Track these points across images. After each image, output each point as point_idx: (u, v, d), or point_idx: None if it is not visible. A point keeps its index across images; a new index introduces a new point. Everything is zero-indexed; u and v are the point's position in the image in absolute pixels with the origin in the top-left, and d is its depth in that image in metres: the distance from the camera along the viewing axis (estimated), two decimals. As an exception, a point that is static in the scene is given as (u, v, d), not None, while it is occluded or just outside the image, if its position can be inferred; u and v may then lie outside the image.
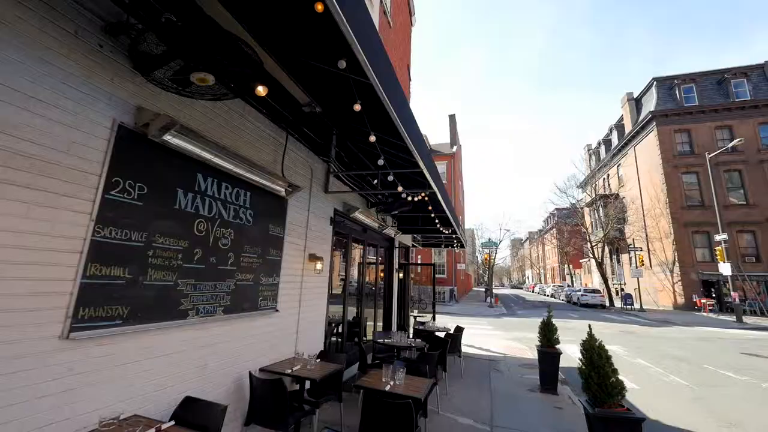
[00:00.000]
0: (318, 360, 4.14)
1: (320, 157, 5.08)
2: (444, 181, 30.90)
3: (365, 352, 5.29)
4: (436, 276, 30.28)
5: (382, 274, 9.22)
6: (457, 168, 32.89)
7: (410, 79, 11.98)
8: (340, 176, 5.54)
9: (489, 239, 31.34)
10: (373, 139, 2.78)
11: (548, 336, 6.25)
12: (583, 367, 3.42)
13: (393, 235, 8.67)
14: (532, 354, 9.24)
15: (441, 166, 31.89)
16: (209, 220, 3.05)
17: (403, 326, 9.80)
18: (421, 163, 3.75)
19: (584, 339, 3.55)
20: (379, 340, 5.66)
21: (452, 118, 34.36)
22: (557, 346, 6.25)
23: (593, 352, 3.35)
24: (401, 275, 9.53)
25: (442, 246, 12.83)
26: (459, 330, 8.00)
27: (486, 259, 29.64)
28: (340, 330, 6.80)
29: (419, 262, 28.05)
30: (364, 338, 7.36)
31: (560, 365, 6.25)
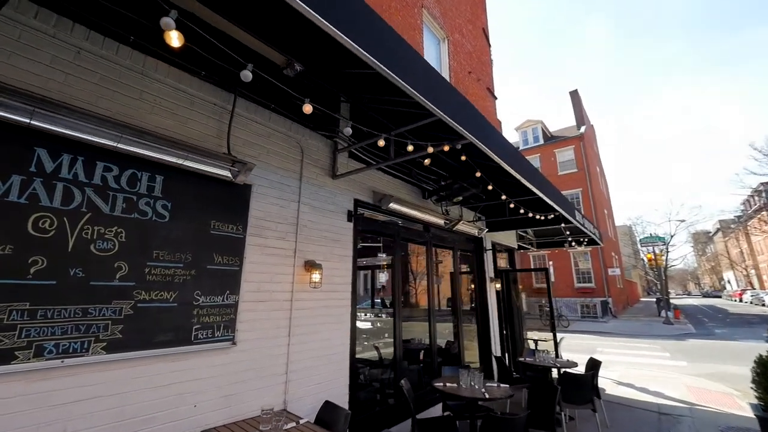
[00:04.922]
0: (303, 421, 2.71)
1: (318, 132, 3.81)
2: (574, 170, 25.60)
3: (410, 403, 3.55)
4: (582, 285, 24.68)
5: (473, 285, 7.16)
6: (589, 152, 26.71)
7: (489, 45, 9.77)
8: (354, 152, 4.13)
9: (651, 234, 23.94)
10: None
11: (775, 389, 3.23)
12: None
13: (477, 234, 6.59)
14: (745, 405, 5.54)
15: (568, 153, 26.50)
16: (65, 215, 2.09)
17: (513, 355, 7.35)
18: (417, 94, 2.05)
19: None
20: (437, 384, 3.80)
21: (574, 94, 28.63)
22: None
23: None
24: (498, 285, 7.21)
25: (566, 245, 9.62)
26: (594, 366, 5.27)
27: (650, 259, 22.62)
28: (422, 357, 5.30)
29: (550, 267, 23.19)
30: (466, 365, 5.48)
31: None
